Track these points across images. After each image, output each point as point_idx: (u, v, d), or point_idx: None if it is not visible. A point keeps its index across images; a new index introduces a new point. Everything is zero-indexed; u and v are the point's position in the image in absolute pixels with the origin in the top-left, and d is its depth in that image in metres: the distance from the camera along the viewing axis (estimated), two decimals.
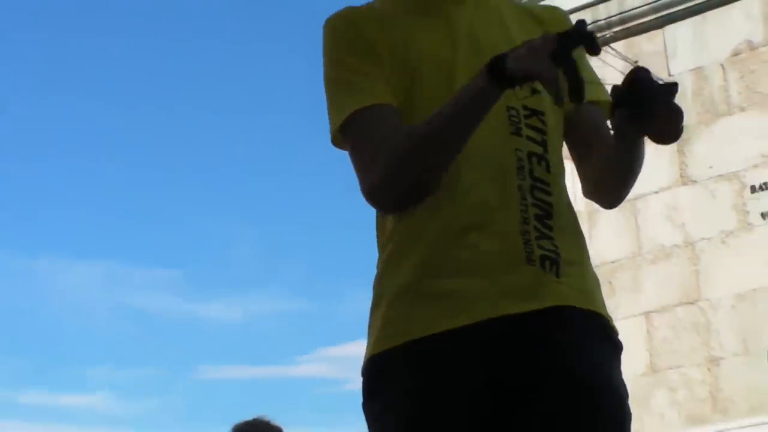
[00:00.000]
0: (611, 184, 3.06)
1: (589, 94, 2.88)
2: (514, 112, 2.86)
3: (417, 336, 2.74)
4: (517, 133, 2.84)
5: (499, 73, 2.61)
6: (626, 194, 3.11)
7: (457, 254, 2.77)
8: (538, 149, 2.86)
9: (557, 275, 2.77)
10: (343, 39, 3.02)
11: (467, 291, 2.74)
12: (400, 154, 2.81)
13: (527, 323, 2.70)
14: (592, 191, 3.12)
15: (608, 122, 2.90)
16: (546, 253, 2.77)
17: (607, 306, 3.00)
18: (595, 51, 2.54)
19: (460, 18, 2.97)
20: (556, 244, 2.81)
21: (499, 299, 2.71)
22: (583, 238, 3.05)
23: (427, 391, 2.73)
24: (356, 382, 2.80)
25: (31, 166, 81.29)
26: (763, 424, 12.58)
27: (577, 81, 2.53)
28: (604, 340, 2.85)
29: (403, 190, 2.84)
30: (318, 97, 3.05)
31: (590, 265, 3.01)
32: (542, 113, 2.90)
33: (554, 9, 3.39)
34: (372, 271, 2.92)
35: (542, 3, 9.50)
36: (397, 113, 2.89)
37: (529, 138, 2.85)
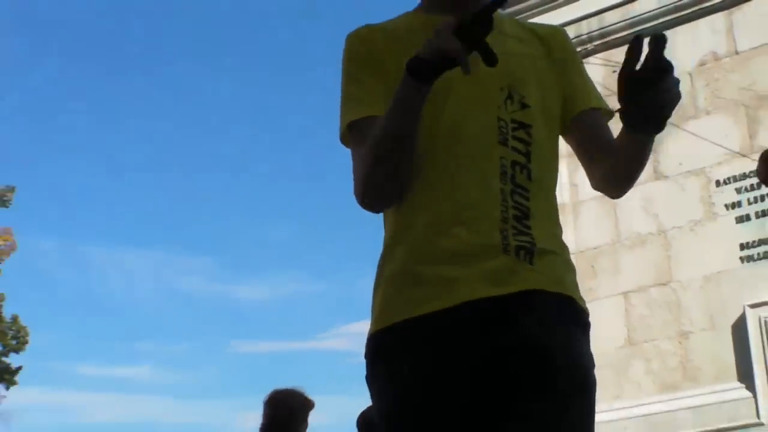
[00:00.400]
0: (620, 180, 3.06)
1: (591, 102, 3.01)
2: (503, 124, 2.86)
3: (406, 317, 2.76)
4: (504, 143, 2.84)
5: (416, 65, 2.65)
6: (633, 182, 3.09)
7: (441, 245, 2.78)
8: (522, 159, 2.85)
9: (531, 263, 2.76)
10: (356, 55, 3.04)
11: (449, 277, 2.75)
12: (368, 163, 2.85)
13: (501, 305, 2.70)
14: (601, 187, 3.13)
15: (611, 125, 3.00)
16: (521, 244, 2.77)
17: (589, 287, 3.03)
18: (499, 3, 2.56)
19: None
20: (532, 239, 2.80)
21: (477, 284, 2.72)
22: (560, 232, 3.03)
23: (414, 365, 2.75)
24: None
25: (94, 170, 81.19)
26: (727, 390, 12.59)
27: (484, 49, 2.55)
28: (570, 319, 2.82)
29: (379, 193, 2.90)
30: None
31: (566, 255, 2.99)
32: (530, 126, 2.89)
33: (554, 26, 3.39)
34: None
35: (533, 21, 9.50)
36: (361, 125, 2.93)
37: (514, 148, 2.84)
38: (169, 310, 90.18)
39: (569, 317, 2.82)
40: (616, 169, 3.01)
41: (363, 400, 10.95)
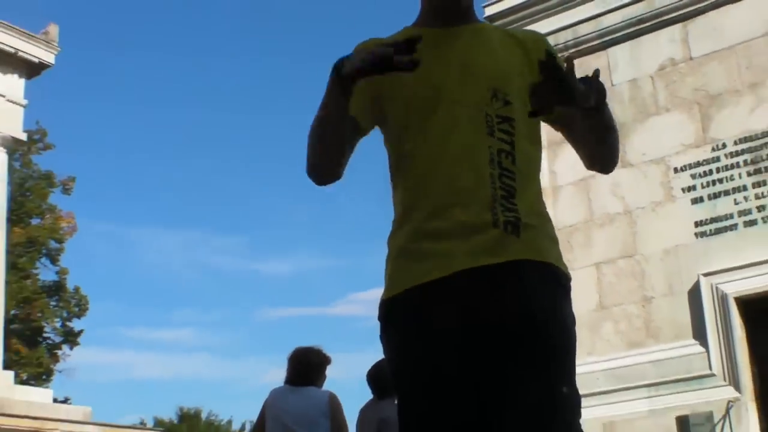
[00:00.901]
0: (598, 156, 3.06)
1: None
2: (489, 118, 2.84)
3: (409, 286, 2.78)
4: (491, 134, 2.83)
5: (337, 73, 2.73)
6: (614, 160, 3.10)
7: (440, 224, 2.78)
8: (507, 147, 2.82)
9: (517, 236, 2.75)
10: None
11: (446, 251, 2.75)
12: (307, 144, 2.96)
13: (492, 274, 2.70)
14: (589, 165, 3.13)
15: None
16: (508, 219, 2.75)
17: (566, 259, 3.05)
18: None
19: (456, 48, 2.93)
20: (518, 214, 2.78)
21: (470, 256, 2.72)
22: (544, 208, 3.00)
23: (416, 325, 2.78)
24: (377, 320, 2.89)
25: (138, 161, 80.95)
26: (684, 346, 12.65)
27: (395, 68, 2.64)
28: (552, 283, 2.81)
29: (315, 173, 2.99)
30: None
31: (549, 228, 2.97)
32: (513, 120, 2.86)
33: (534, 32, 3.34)
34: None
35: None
36: (352, 120, 2.95)
37: (500, 138, 2.83)
38: (206, 283, 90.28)
39: (552, 282, 2.81)
40: (590, 150, 3.04)
41: (371, 357, 10.98)
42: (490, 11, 14.90)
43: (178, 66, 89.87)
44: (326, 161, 2.97)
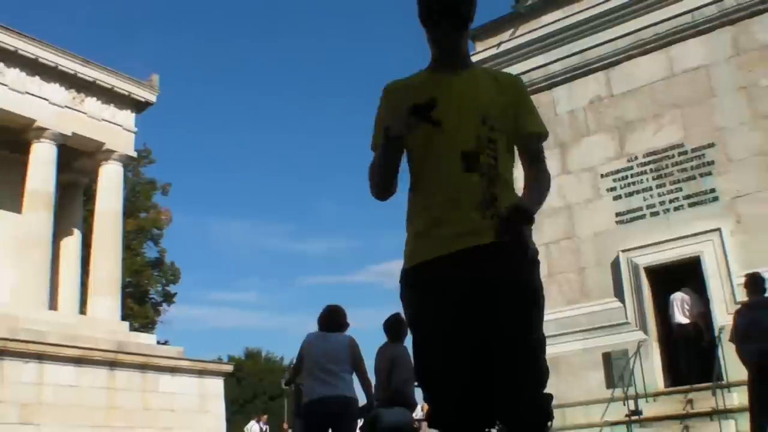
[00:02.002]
0: None
1: (528, 128, 2.89)
2: (480, 139, 2.76)
3: (422, 260, 2.74)
4: (481, 152, 2.75)
5: (387, 138, 2.70)
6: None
7: (443, 216, 2.73)
8: (492, 161, 2.75)
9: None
10: (382, 102, 2.97)
11: (447, 235, 2.70)
12: (369, 176, 2.94)
13: (480, 251, 2.65)
14: None
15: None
16: (493, 214, 2.68)
17: None
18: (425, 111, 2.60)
19: (454, 84, 2.81)
20: (498, 211, 2.68)
21: (465, 238, 2.67)
22: None
23: (423, 292, 2.74)
24: (391, 285, 2.86)
25: (214, 169, 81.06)
26: (608, 303, 12.78)
27: (430, 120, 2.60)
28: (523, 256, 2.71)
29: (374, 193, 2.93)
30: None
31: None
32: (496, 141, 2.78)
33: (511, 75, 3.15)
34: (400, 223, 3.00)
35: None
36: (398, 140, 2.84)
37: (488, 155, 2.75)
38: (264, 259, 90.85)
39: (523, 255, 2.72)
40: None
41: (384, 312, 11.01)
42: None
43: (245, 97, 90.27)
44: (384, 191, 2.92)
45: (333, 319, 7.44)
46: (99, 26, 73.57)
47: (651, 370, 11.94)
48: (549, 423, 2.66)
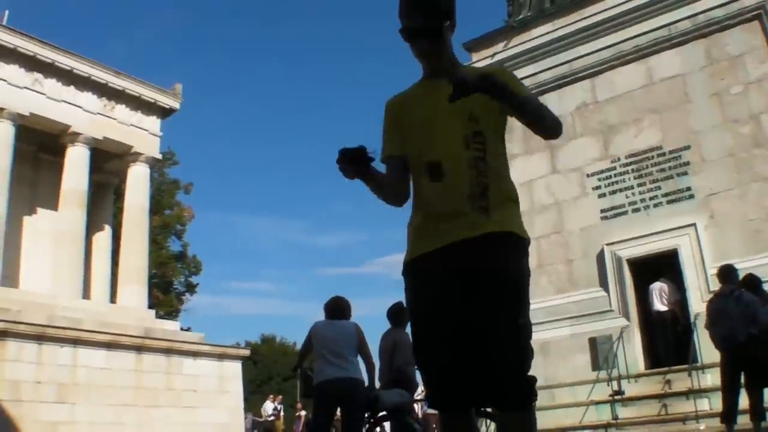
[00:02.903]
0: (531, 128, 2.77)
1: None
2: (467, 135, 2.72)
3: (421, 253, 2.74)
4: (467, 147, 2.71)
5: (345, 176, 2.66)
6: (541, 125, 2.77)
7: (438, 211, 2.71)
8: (481, 154, 2.71)
9: (488, 217, 2.67)
10: (385, 116, 2.96)
11: (442, 229, 2.68)
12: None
13: (471, 243, 2.64)
14: (538, 134, 2.84)
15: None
16: (482, 206, 2.66)
17: None
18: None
19: (444, 90, 2.65)
20: (489, 202, 2.67)
21: (457, 231, 2.65)
22: (512, 193, 2.84)
23: (417, 283, 2.76)
24: (395, 275, 2.77)
25: (233, 170, 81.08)
26: (593, 292, 12.79)
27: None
28: (513, 246, 2.70)
29: (386, 202, 2.90)
30: None
31: (514, 208, 2.82)
32: (482, 133, 2.73)
33: (497, 68, 3.10)
34: (402, 219, 3.02)
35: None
36: (392, 159, 2.88)
37: (475, 149, 2.71)
38: (280, 251, 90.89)
39: (512, 245, 2.70)
40: (527, 125, 2.77)
41: (388, 301, 11.11)
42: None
43: (264, 106, 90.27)
44: (392, 201, 2.91)
45: (338, 308, 7.51)
46: (133, 42, 73.77)
47: (633, 353, 11.98)
48: (531, 403, 2.63)
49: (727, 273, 8.42)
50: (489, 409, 2.81)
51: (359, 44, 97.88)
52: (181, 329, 22.27)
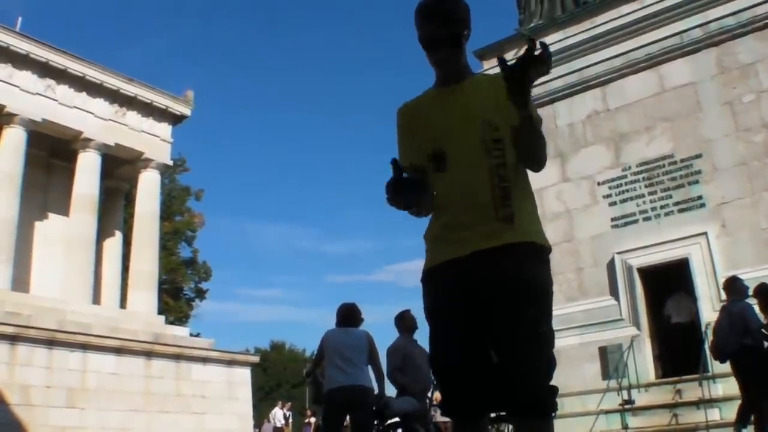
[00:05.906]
0: (526, 162, 2.74)
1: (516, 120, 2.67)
2: (486, 143, 2.71)
3: (441, 261, 2.73)
4: (488, 153, 2.70)
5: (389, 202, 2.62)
6: (536, 164, 2.76)
7: (458, 220, 2.69)
8: (501, 161, 2.68)
9: (510, 226, 2.65)
10: (398, 123, 2.94)
11: (462, 238, 2.66)
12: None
13: (493, 253, 2.62)
14: (523, 164, 2.77)
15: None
16: (505, 215, 2.64)
17: None
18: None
19: (459, 98, 2.77)
20: (511, 210, 2.65)
21: (478, 241, 2.63)
22: (530, 201, 2.82)
23: (441, 286, 2.72)
24: (405, 283, 2.76)
25: (243, 177, 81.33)
26: (603, 300, 12.77)
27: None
28: (534, 255, 2.68)
29: (415, 216, 2.83)
30: None
31: (535, 215, 2.81)
32: (501, 140, 2.70)
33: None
34: (414, 227, 3.04)
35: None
36: (411, 168, 2.79)
37: (495, 156, 2.69)
38: (291, 258, 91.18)
39: (533, 254, 2.68)
40: (521, 154, 2.73)
41: (397, 308, 11.09)
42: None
43: (274, 114, 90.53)
44: (425, 214, 2.82)
45: (350, 316, 7.54)
46: (146, 50, 74.21)
47: (643, 362, 11.94)
48: (552, 412, 2.59)
49: (728, 286, 8.48)
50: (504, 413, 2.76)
51: (372, 52, 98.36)
52: (191, 335, 22.34)
